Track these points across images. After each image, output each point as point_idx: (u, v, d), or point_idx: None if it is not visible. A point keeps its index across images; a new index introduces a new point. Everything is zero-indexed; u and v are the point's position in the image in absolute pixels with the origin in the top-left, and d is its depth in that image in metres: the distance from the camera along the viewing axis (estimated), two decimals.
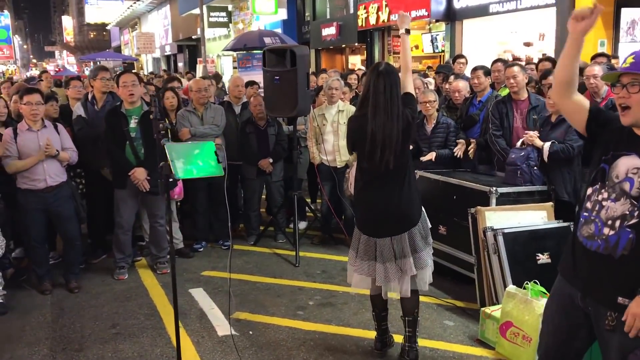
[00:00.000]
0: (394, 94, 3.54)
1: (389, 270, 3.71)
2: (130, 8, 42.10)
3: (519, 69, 5.39)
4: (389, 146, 3.52)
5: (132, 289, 5.28)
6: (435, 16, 13.66)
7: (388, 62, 3.85)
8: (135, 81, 5.32)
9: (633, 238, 2.25)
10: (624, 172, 2.31)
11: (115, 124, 5.31)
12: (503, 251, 4.39)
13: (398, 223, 3.70)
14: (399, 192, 3.66)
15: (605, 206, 2.35)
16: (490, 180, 5.16)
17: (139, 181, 5.28)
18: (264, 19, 22.55)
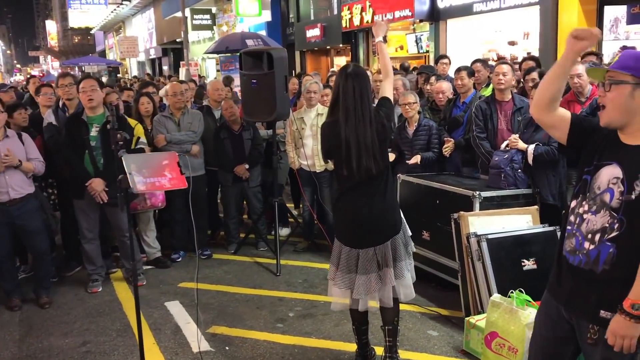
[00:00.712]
0: (364, 96, 3.39)
1: (371, 282, 3.55)
2: (114, 12, 41.78)
3: (509, 68, 5.25)
4: (365, 151, 3.36)
5: (105, 303, 5.08)
6: (419, 16, 13.55)
7: (357, 64, 3.70)
8: (94, 86, 5.10)
9: (614, 252, 2.12)
10: (605, 183, 2.18)
11: (75, 131, 5.09)
12: (487, 258, 4.25)
13: (381, 231, 3.54)
14: (381, 199, 3.51)
15: (585, 219, 2.22)
16: (474, 184, 5.02)
17: (96, 192, 5.06)
18: (248, 21, 22.40)
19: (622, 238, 2.11)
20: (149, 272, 5.82)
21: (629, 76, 2.12)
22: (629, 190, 2.10)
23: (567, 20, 10.44)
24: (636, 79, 2.11)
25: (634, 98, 2.12)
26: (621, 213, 2.11)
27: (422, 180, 5.25)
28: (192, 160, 6.01)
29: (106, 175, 5.08)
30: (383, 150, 3.48)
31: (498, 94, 5.23)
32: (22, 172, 4.85)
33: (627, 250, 2.09)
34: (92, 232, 5.32)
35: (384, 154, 3.50)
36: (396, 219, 3.61)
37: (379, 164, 3.41)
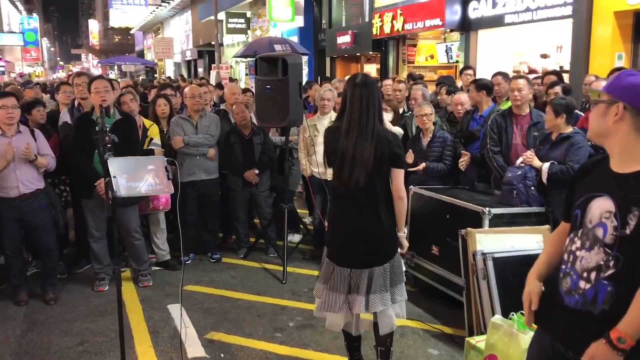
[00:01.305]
0: (370, 107, 3.27)
1: (337, 302, 3.39)
2: (153, 13, 42.49)
3: (525, 82, 5.12)
4: (359, 163, 3.24)
5: (109, 302, 5.09)
6: (449, 26, 13.37)
7: (366, 74, 3.58)
8: (107, 87, 5.12)
9: (612, 291, 1.97)
10: (597, 217, 2.04)
11: (85, 131, 5.13)
12: (492, 277, 4.12)
13: (361, 255, 3.35)
14: (372, 221, 3.33)
15: (579, 257, 2.09)
16: (485, 200, 4.89)
17: (104, 192, 5.07)
18: (281, 26, 22.46)
19: (619, 276, 1.96)
20: (156, 273, 5.82)
21: (606, 95, 2.06)
22: (623, 225, 1.96)
23: (601, 34, 10.17)
24: (611, 98, 2.03)
25: (605, 116, 2.05)
26: (616, 249, 1.97)
27: (434, 193, 5.14)
28: (208, 163, 6.01)
29: None
30: (380, 167, 3.29)
31: (515, 108, 5.09)
32: (35, 168, 4.90)
33: (626, 288, 1.94)
34: (100, 231, 5.34)
35: (380, 170, 3.30)
36: (385, 249, 3.38)
37: (371, 177, 3.27)
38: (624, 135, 2.02)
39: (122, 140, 5.12)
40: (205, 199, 6.10)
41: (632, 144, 2.01)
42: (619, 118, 2.01)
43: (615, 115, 2.02)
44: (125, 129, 5.20)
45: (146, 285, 5.43)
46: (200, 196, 6.06)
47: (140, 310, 4.94)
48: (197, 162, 5.95)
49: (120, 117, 5.24)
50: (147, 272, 5.53)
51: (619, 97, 2.01)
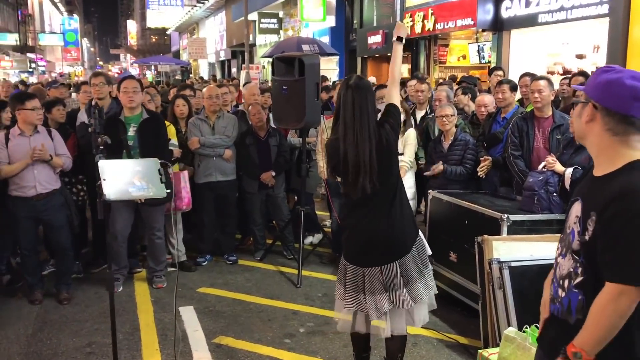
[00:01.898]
0: (364, 110, 3.17)
1: (379, 303, 3.33)
2: (189, 13, 42.93)
3: (545, 83, 4.92)
4: (363, 169, 3.15)
5: (122, 303, 5.07)
6: (481, 26, 13.09)
7: (360, 76, 3.49)
8: (136, 87, 5.14)
9: (583, 300, 1.86)
10: (572, 222, 1.94)
11: (113, 131, 5.14)
12: (509, 286, 3.94)
13: (387, 250, 3.31)
14: (387, 217, 3.28)
15: (559, 264, 1.99)
16: (506, 206, 4.70)
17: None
18: (313, 26, 22.41)
19: (587, 284, 1.85)
20: (171, 274, 5.77)
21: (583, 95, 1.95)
22: (583, 231, 1.84)
23: (639, 34, 9.80)
24: (587, 98, 1.91)
25: (580, 117, 1.95)
26: (582, 256, 1.86)
27: (452, 198, 4.98)
28: (224, 164, 5.96)
29: None
30: (385, 168, 3.24)
31: (536, 110, 4.90)
32: (51, 168, 4.91)
33: (593, 297, 1.82)
34: (123, 233, 5.32)
35: (386, 171, 3.25)
36: (406, 237, 3.35)
37: (375, 183, 3.18)
38: (596, 136, 1.90)
39: (151, 139, 5.14)
40: (222, 201, 6.05)
41: (606, 146, 1.88)
42: (590, 119, 1.89)
43: (587, 115, 1.90)
44: (153, 128, 5.20)
45: (160, 286, 5.40)
46: (216, 197, 6.01)
47: (151, 312, 4.90)
48: (213, 163, 5.90)
49: (148, 115, 5.23)
50: (162, 273, 5.51)
51: (591, 96, 1.89)
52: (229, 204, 6.10)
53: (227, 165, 5.98)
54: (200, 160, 5.94)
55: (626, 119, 1.83)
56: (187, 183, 5.65)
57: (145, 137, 5.14)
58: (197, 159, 5.96)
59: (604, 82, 1.85)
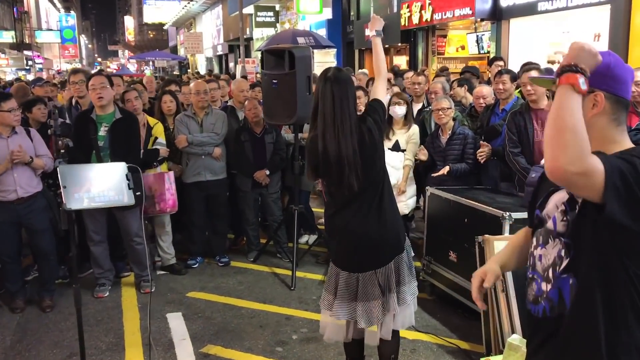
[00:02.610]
0: (344, 104, 2.98)
1: (373, 310, 3.12)
2: (185, 8, 42.58)
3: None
4: (347, 165, 2.96)
5: (107, 309, 4.85)
6: (480, 15, 12.81)
7: (339, 68, 3.30)
8: (104, 83, 4.86)
9: (574, 282, 1.65)
10: (552, 210, 1.75)
11: (83, 130, 4.88)
12: (512, 290, 3.73)
13: (382, 252, 3.13)
14: (377, 216, 3.10)
15: (536, 255, 1.79)
16: (507, 203, 4.47)
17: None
18: (310, 19, 22.12)
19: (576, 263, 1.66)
20: (160, 278, 5.58)
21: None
22: (572, 207, 1.66)
23: None
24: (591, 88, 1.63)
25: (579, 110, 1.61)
26: (567, 236, 1.68)
27: (452, 195, 4.75)
28: (214, 163, 5.73)
29: None
30: (370, 163, 3.05)
31: (531, 102, 4.66)
32: (32, 170, 4.68)
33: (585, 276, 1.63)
34: (100, 234, 5.10)
35: (371, 167, 3.06)
36: (399, 237, 3.18)
37: (360, 179, 3.00)
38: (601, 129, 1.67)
39: (122, 140, 4.90)
40: (212, 201, 5.82)
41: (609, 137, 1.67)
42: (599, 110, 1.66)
43: (592, 107, 1.65)
44: (126, 128, 4.95)
45: (147, 291, 5.18)
46: (206, 197, 5.79)
47: (137, 318, 4.69)
48: (202, 162, 5.67)
49: (121, 115, 4.99)
50: (148, 277, 5.28)
51: (598, 85, 1.64)
52: (219, 204, 5.87)
53: (217, 163, 5.74)
54: (189, 159, 5.71)
55: (627, 104, 1.69)
56: (172, 184, 5.41)
57: (116, 138, 4.88)
58: (185, 157, 5.73)
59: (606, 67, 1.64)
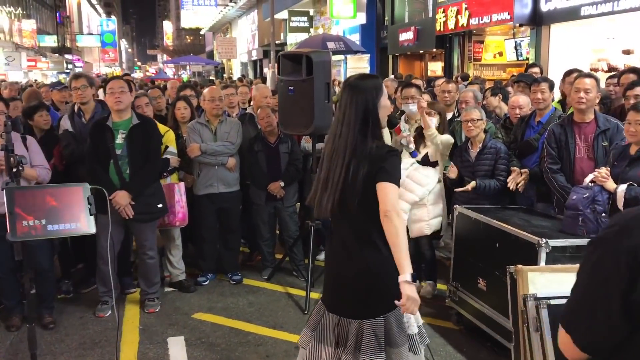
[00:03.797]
0: (351, 115, 2.55)
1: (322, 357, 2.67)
2: (222, 13, 42.78)
3: (593, 83, 4.19)
4: (329, 186, 2.57)
5: (106, 331, 4.53)
6: (519, 20, 12.27)
7: (366, 75, 2.81)
8: (123, 87, 4.59)
9: None
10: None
11: (100, 138, 4.61)
12: (547, 329, 3.24)
13: (348, 301, 2.65)
14: (357, 258, 2.63)
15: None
16: (544, 227, 3.99)
17: (120, 206, 4.53)
18: (344, 24, 21.78)
19: None
20: (167, 295, 5.24)
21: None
22: None
23: None
24: None
25: None
26: None
27: (482, 215, 4.29)
28: (227, 174, 5.39)
29: (132, 186, 4.59)
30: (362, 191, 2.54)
31: (577, 114, 4.17)
32: (25, 181, 4.39)
33: None
34: (112, 252, 4.77)
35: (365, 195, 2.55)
36: (376, 299, 2.60)
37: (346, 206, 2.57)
38: None
39: (141, 148, 4.62)
40: (224, 214, 5.47)
41: None
42: None
43: None
44: (144, 135, 4.67)
45: (152, 311, 4.85)
46: (219, 210, 5.44)
47: (136, 343, 4.35)
48: (215, 173, 5.33)
49: (139, 121, 4.70)
50: (155, 295, 4.96)
51: None
52: (232, 218, 5.52)
53: (230, 175, 5.40)
54: (201, 169, 5.38)
55: None
56: (182, 196, 5.09)
57: (135, 145, 4.60)
58: (196, 167, 5.41)
59: None
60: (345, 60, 22.20)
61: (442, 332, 4.50)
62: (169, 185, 5.08)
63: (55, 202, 2.38)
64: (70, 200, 2.42)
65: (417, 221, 4.99)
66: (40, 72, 39.71)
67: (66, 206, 2.38)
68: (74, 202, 2.41)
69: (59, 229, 2.39)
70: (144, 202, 4.65)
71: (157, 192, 4.78)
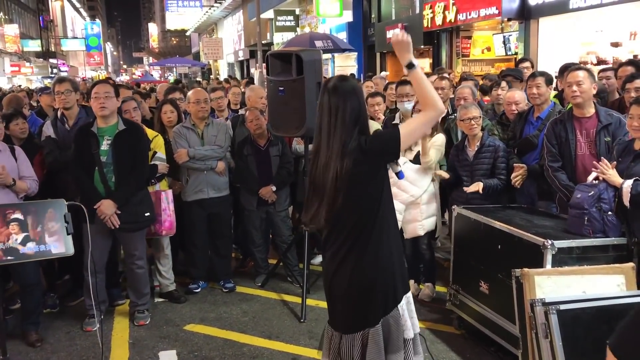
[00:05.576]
0: (339, 120, 2.46)
1: None
2: (207, 14, 42.46)
3: (585, 74, 4.05)
4: (320, 194, 2.50)
5: (95, 346, 4.33)
6: (507, 14, 12.16)
7: (343, 77, 2.71)
8: (109, 92, 4.40)
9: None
10: None
11: (84, 144, 4.41)
12: (557, 336, 3.11)
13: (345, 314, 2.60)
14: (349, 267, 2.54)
15: None
16: (548, 227, 3.86)
17: (105, 216, 4.34)
18: (330, 22, 21.61)
19: None
20: (158, 306, 5.06)
21: None
22: None
23: None
24: None
25: None
26: None
27: (482, 216, 4.15)
28: (216, 178, 5.22)
29: (118, 195, 4.39)
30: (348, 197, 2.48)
31: (576, 109, 4.04)
32: (14, 193, 4.19)
33: None
34: (99, 263, 4.57)
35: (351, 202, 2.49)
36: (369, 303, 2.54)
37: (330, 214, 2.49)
38: None
39: (127, 154, 4.44)
40: (215, 220, 5.30)
41: None
42: None
43: None
44: (130, 141, 4.48)
45: (141, 323, 4.67)
46: (209, 216, 5.27)
47: (126, 358, 4.17)
48: (204, 178, 5.16)
49: (125, 126, 4.51)
50: (145, 307, 4.77)
51: None
52: (223, 224, 5.35)
53: (220, 179, 5.23)
54: (189, 175, 5.20)
55: None
56: (169, 204, 4.91)
57: (121, 152, 4.40)
58: (184, 173, 5.23)
59: None
60: (333, 59, 22.05)
61: (444, 337, 4.35)
62: (156, 192, 4.90)
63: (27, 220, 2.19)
64: (42, 217, 2.23)
65: (411, 221, 4.84)
66: (25, 77, 39.25)
67: (40, 224, 2.19)
68: (50, 220, 2.23)
69: (31, 250, 2.19)
70: (131, 211, 4.47)
71: (144, 200, 4.59)
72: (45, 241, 2.18)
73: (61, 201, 2.29)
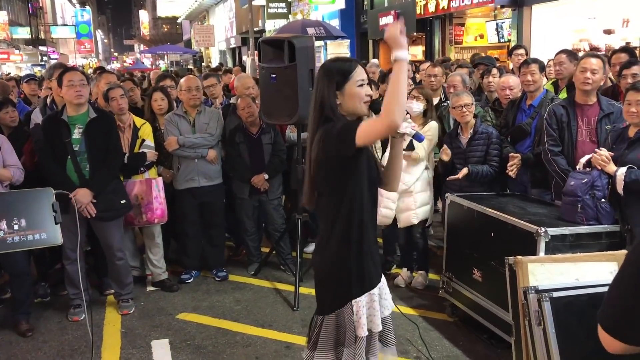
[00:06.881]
0: (317, 100, 2.41)
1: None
2: (198, 1, 42.08)
3: (600, 63, 4.00)
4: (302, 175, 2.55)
5: (86, 335, 4.22)
6: (500, 1, 12.15)
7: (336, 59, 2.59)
8: (83, 80, 4.32)
9: None
10: None
11: (54, 133, 4.33)
12: (550, 323, 3.10)
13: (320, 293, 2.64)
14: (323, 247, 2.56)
15: None
16: (541, 214, 3.85)
17: (81, 205, 4.25)
18: (322, 9, 21.50)
19: None
20: (150, 295, 5.03)
21: None
22: None
23: None
24: None
25: None
26: None
27: (475, 204, 4.14)
28: (208, 166, 5.18)
29: (93, 184, 4.32)
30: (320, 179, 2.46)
31: (580, 95, 4.01)
32: None
33: None
34: (76, 251, 4.51)
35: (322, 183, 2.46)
36: (327, 291, 2.56)
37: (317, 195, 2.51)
38: None
39: (100, 142, 4.37)
40: (207, 208, 5.26)
41: None
42: None
43: None
44: (102, 129, 4.41)
45: (126, 312, 4.63)
46: (201, 205, 5.23)
47: (118, 347, 4.14)
48: (195, 166, 5.11)
49: (96, 114, 4.43)
50: (130, 296, 4.73)
51: None
52: (215, 212, 5.31)
53: (211, 167, 5.18)
54: (180, 163, 5.15)
55: None
56: (160, 192, 4.86)
57: (93, 140, 4.33)
58: (176, 161, 5.18)
59: None
60: (325, 46, 21.94)
61: (437, 324, 4.35)
62: (147, 180, 4.85)
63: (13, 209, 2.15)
64: (31, 207, 2.19)
65: (405, 210, 4.82)
66: (14, 65, 38.88)
67: (27, 214, 2.15)
68: (35, 209, 2.18)
69: (16, 241, 2.15)
70: (106, 199, 4.39)
71: (118, 188, 4.54)
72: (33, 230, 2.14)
73: (49, 190, 2.25)
